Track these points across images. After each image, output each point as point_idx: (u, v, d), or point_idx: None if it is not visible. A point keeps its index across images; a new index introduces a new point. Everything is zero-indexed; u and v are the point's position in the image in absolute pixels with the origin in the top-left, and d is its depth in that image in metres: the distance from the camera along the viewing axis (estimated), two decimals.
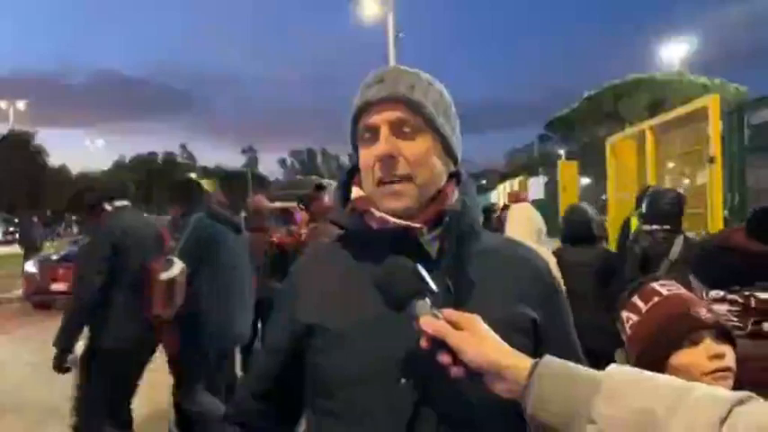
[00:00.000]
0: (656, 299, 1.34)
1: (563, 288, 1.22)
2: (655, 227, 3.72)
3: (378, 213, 1.07)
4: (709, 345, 1.25)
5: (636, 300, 1.39)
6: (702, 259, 2.37)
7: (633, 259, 3.75)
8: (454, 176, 1.16)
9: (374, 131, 1.08)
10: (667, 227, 3.69)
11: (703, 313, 1.26)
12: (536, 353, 0.88)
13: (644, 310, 1.35)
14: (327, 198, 4.51)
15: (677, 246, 3.61)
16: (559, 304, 1.16)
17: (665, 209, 3.73)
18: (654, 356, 1.29)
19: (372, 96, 1.07)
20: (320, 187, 4.75)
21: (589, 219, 4.23)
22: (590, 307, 3.52)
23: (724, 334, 1.26)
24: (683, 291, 1.35)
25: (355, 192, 1.15)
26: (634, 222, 5.48)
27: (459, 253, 1.09)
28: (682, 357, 1.26)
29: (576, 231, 4.22)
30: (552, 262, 3.57)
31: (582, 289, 3.73)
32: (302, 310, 1.12)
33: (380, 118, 1.07)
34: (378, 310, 1.02)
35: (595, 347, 1.46)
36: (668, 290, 1.35)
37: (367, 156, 1.09)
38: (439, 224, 1.09)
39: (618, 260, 4.08)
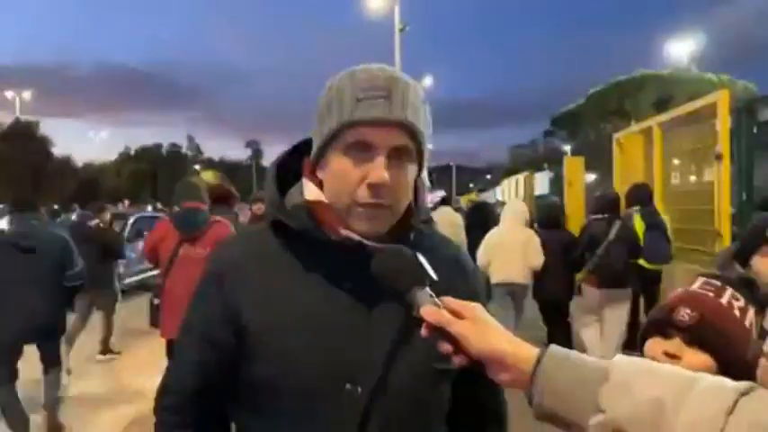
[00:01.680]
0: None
1: (483, 288, 1.25)
2: (599, 216, 5.37)
3: (344, 233, 1.01)
4: (676, 343, 1.24)
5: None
6: None
7: (585, 239, 5.37)
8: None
9: (369, 150, 0.98)
10: (607, 215, 5.30)
11: (681, 314, 1.25)
12: None
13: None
14: None
15: (614, 228, 5.17)
16: (477, 287, 1.20)
17: (606, 204, 5.40)
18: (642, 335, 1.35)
19: (380, 117, 0.97)
20: None
21: (557, 209, 6.32)
22: (555, 272, 5.52)
23: (699, 341, 1.24)
24: (697, 289, 1.33)
25: (312, 191, 1.06)
26: (637, 219, 5.47)
27: None
28: (649, 343, 1.29)
29: (546, 218, 6.08)
30: (537, 241, 5.59)
31: (550, 260, 5.57)
32: (238, 308, 1.04)
33: (383, 141, 0.98)
34: (324, 315, 1.01)
35: (557, 299, 2.53)
36: (698, 284, 1.34)
37: (351, 172, 0.99)
38: (398, 231, 1.07)
39: (575, 239, 5.65)
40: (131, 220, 11.79)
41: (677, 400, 0.70)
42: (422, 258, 0.92)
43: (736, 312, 1.23)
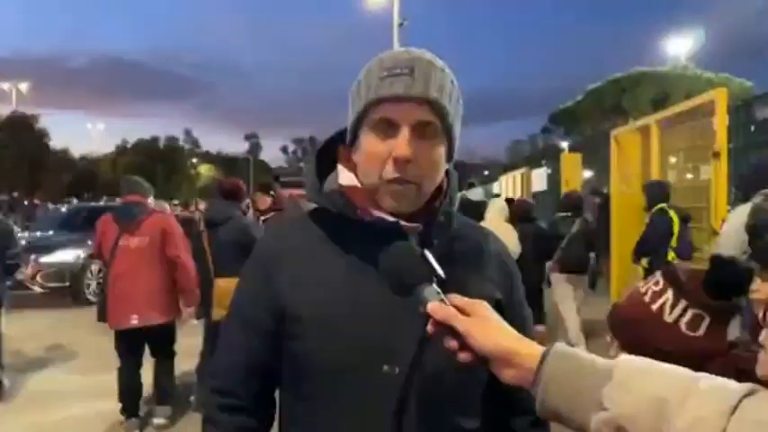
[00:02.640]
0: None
1: (518, 272, 1.26)
2: (564, 214, 6.50)
3: (376, 213, 1.04)
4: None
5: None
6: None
7: (552, 233, 6.49)
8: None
9: (393, 126, 1.01)
10: (570, 213, 6.43)
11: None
12: None
13: None
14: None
15: (576, 226, 6.28)
16: (516, 284, 1.21)
17: (571, 203, 6.58)
18: None
19: (403, 92, 0.99)
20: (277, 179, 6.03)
21: (530, 206, 7.22)
22: (528, 261, 5.82)
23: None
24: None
25: (346, 176, 1.10)
26: (674, 216, 5.33)
27: (443, 243, 1.10)
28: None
29: (520, 214, 6.70)
30: (514, 234, 5.83)
31: (525, 250, 6.21)
32: (280, 291, 1.08)
33: (406, 116, 1.00)
34: (361, 296, 1.03)
35: (529, 282, 1.98)
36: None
37: (379, 149, 1.02)
38: (427, 214, 1.09)
39: (545, 233, 6.66)
40: None
41: (679, 399, 0.70)
42: (429, 255, 0.93)
43: (647, 299, 1.25)
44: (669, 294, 1.22)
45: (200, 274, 4.31)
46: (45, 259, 9.74)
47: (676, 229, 5.18)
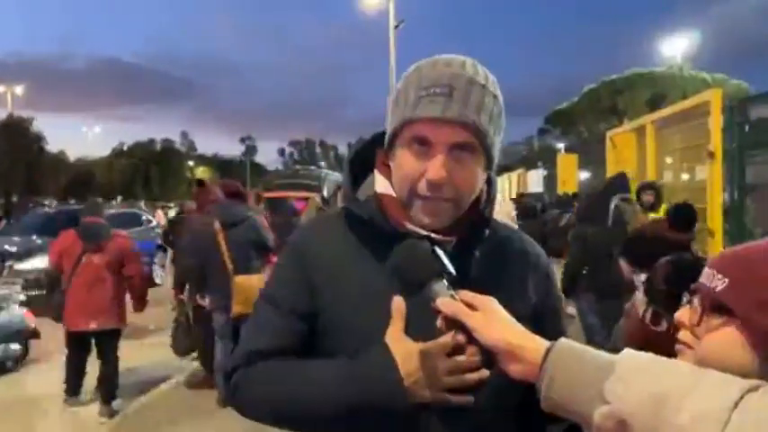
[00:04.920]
0: None
1: (554, 271, 1.26)
2: (557, 211, 7.71)
3: (410, 226, 1.04)
4: None
5: None
6: (632, 244, 2.73)
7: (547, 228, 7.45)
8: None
9: (427, 145, 0.99)
10: (560, 210, 7.64)
11: None
12: (536, 333, 0.89)
13: None
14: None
15: (564, 219, 7.16)
16: (553, 288, 1.21)
17: (562, 202, 7.71)
18: None
19: (440, 114, 0.97)
20: (201, 183, 6.26)
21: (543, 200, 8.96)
22: None
23: None
24: None
25: (383, 184, 1.10)
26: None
27: (485, 253, 1.10)
28: None
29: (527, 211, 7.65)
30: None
31: None
32: (316, 287, 1.08)
33: (440, 137, 0.98)
34: (387, 295, 1.01)
35: None
36: None
37: (413, 167, 1.01)
38: (466, 222, 1.08)
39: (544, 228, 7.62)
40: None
41: (681, 394, 0.71)
42: (439, 251, 0.95)
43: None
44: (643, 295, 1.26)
45: (217, 271, 4.66)
46: (21, 266, 9.23)
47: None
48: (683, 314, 0.93)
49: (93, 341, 4.84)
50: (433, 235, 1.03)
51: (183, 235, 6.15)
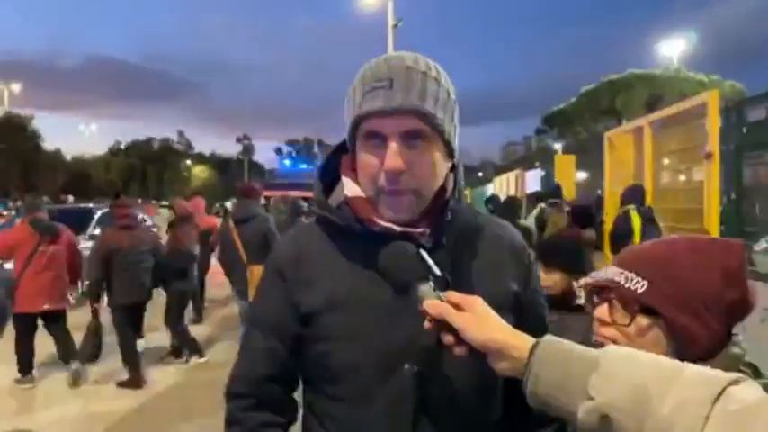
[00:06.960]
0: None
1: (534, 264, 1.26)
2: (544, 205, 7.62)
3: (382, 224, 1.05)
4: None
5: None
6: (549, 247, 2.87)
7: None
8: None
9: (380, 139, 1.02)
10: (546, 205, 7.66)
11: None
12: (517, 324, 0.92)
13: None
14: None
15: (554, 215, 7.19)
16: (532, 276, 1.21)
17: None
18: None
19: (381, 107, 1.00)
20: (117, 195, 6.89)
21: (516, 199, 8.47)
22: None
23: None
24: None
25: (351, 188, 1.11)
26: (635, 217, 5.51)
27: (452, 240, 1.12)
28: None
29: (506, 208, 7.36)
30: None
31: None
32: (299, 296, 1.10)
33: (390, 128, 1.01)
34: (378, 297, 1.04)
35: None
36: None
37: (370, 163, 1.04)
38: (434, 214, 1.10)
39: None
40: (97, 215, 10.82)
41: (662, 387, 0.72)
42: (424, 254, 0.96)
43: None
44: None
45: (235, 263, 5.24)
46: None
47: (637, 228, 5.39)
48: (602, 312, 1.02)
49: (39, 322, 5.58)
50: (409, 230, 1.04)
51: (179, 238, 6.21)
